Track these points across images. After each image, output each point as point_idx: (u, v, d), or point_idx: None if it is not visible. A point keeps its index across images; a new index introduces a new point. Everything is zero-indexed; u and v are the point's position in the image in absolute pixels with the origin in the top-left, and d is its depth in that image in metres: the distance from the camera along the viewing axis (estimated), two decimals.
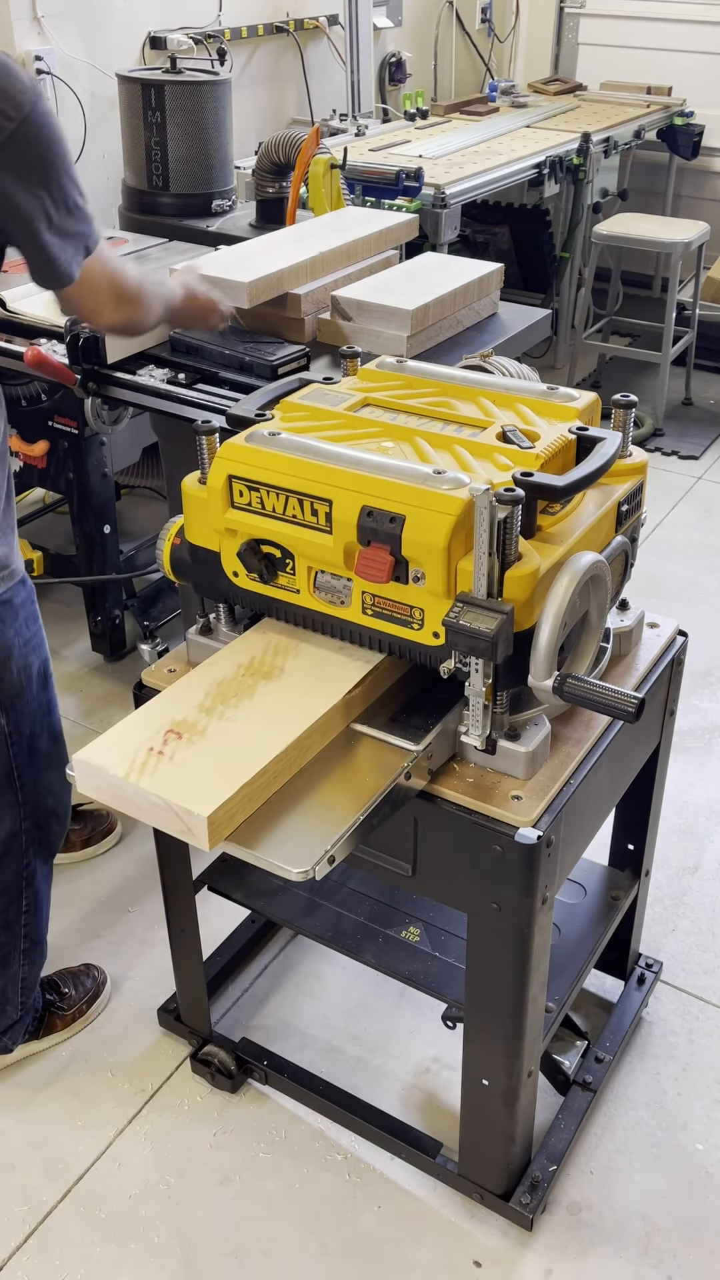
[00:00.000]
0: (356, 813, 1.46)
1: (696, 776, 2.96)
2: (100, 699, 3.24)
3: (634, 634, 1.86)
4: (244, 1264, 1.94)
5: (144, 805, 1.43)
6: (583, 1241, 1.96)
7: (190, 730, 1.50)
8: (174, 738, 1.48)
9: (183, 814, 1.39)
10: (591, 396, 1.74)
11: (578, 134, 4.66)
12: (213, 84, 3.58)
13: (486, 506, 1.38)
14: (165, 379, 2.64)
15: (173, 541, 1.76)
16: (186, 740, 1.48)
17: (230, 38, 4.43)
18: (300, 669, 1.61)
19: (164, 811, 1.40)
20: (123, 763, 1.45)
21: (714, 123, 5.34)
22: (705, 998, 2.38)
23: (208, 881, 2.17)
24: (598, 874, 2.20)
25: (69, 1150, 2.11)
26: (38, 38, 3.89)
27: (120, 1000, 2.39)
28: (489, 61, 5.94)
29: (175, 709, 1.54)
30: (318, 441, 1.61)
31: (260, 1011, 2.35)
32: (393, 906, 2.10)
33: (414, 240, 4.04)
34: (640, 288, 5.77)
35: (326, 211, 3.12)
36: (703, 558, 3.95)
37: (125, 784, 1.43)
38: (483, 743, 1.55)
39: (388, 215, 2.95)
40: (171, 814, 1.40)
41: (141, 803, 1.43)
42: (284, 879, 1.43)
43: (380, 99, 5.22)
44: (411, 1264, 1.93)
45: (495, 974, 1.71)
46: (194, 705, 1.54)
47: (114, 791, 1.45)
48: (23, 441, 3.07)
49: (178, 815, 1.39)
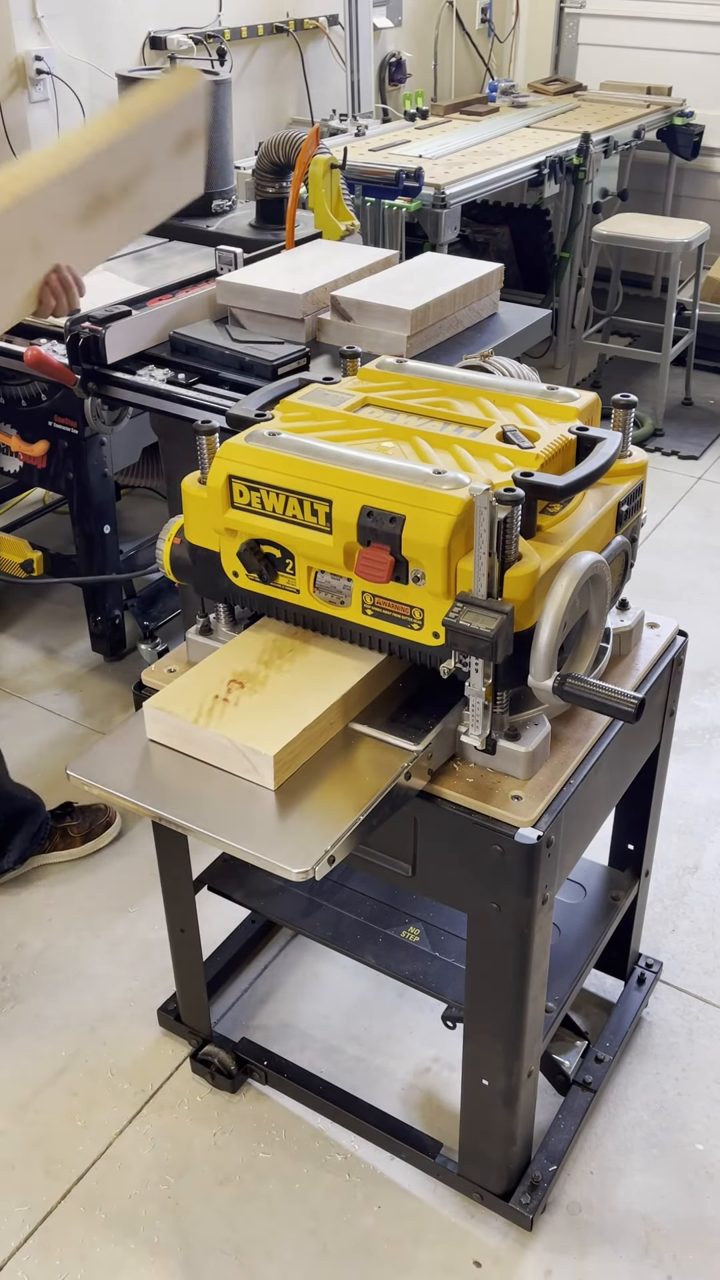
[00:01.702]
0: (356, 813, 1.46)
1: (696, 776, 2.96)
2: (100, 699, 3.24)
3: (634, 634, 1.86)
4: (244, 1264, 1.94)
5: (212, 748, 1.52)
6: (583, 1241, 1.96)
7: (251, 680, 1.60)
8: (237, 686, 1.59)
9: (249, 754, 1.49)
10: (591, 396, 1.74)
11: (578, 134, 4.66)
12: (212, 84, 3.58)
13: (486, 506, 1.38)
14: (165, 379, 2.65)
15: (173, 541, 1.76)
16: (249, 689, 1.59)
17: (230, 38, 4.43)
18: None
19: (232, 752, 1.50)
20: (191, 709, 1.55)
21: (714, 123, 5.34)
22: (705, 998, 2.38)
23: (208, 881, 2.17)
24: (598, 874, 2.20)
25: (69, 1150, 2.12)
26: (38, 38, 3.89)
27: (120, 1000, 2.39)
28: (489, 61, 5.94)
29: (236, 662, 1.64)
30: (318, 441, 1.61)
31: (260, 1011, 2.35)
32: (393, 906, 2.10)
33: (414, 240, 4.06)
34: (640, 288, 5.77)
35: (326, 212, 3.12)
36: (703, 558, 3.95)
37: (195, 728, 1.53)
38: (483, 743, 1.55)
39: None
40: (239, 754, 1.50)
41: (210, 745, 1.52)
42: (284, 879, 1.43)
43: (380, 99, 5.22)
44: (411, 1264, 1.94)
45: (495, 974, 1.71)
46: (253, 659, 1.64)
47: (183, 736, 1.55)
48: (23, 441, 3.07)
49: (245, 755, 1.49)
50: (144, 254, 3.31)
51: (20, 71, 3.87)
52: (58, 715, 3.18)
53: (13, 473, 3.21)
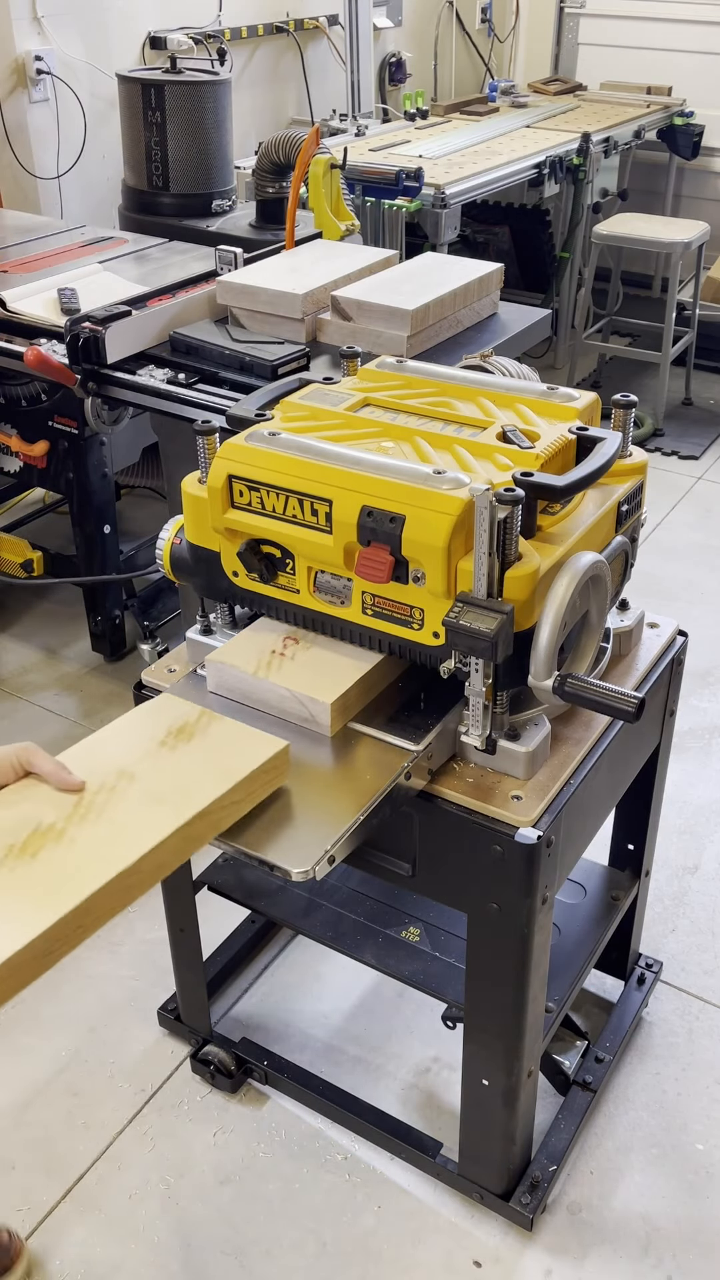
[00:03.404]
0: (357, 813, 1.46)
1: (696, 776, 2.96)
2: (100, 699, 3.24)
3: (634, 634, 1.86)
4: (244, 1264, 1.94)
5: (271, 698, 1.60)
6: (583, 1241, 1.96)
7: (304, 639, 1.66)
8: (292, 643, 1.65)
9: (308, 702, 1.56)
10: (591, 396, 1.74)
11: (578, 134, 4.66)
12: (213, 84, 3.58)
13: (486, 506, 1.38)
14: (165, 379, 2.65)
15: (173, 541, 1.76)
16: (303, 646, 1.65)
17: (230, 38, 4.44)
18: None
19: (290, 701, 1.58)
20: (251, 662, 1.62)
21: (714, 123, 5.34)
22: (705, 998, 2.38)
23: (208, 881, 2.17)
24: (598, 874, 2.20)
25: (69, 1150, 2.12)
26: (38, 38, 3.89)
27: (120, 1000, 2.39)
28: (489, 61, 5.94)
29: (284, 627, 1.69)
30: (318, 441, 1.61)
31: (260, 1011, 2.35)
32: (393, 906, 2.10)
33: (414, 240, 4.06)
34: (640, 288, 5.77)
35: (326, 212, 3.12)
36: (703, 558, 3.95)
37: (255, 679, 1.60)
38: (483, 743, 1.55)
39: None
40: (297, 703, 1.57)
41: (269, 696, 1.60)
42: (284, 879, 1.43)
43: (380, 99, 5.22)
44: (411, 1264, 1.94)
45: (495, 974, 1.71)
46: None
47: (243, 688, 1.62)
48: (23, 441, 3.07)
49: (303, 704, 1.57)
50: (144, 254, 3.31)
51: (20, 71, 3.87)
52: (58, 715, 3.18)
53: (13, 473, 3.21)
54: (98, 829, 1.33)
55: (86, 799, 1.37)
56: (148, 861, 1.30)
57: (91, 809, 1.36)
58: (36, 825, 1.33)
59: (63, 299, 2.82)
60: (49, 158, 4.03)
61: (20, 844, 1.30)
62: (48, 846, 1.30)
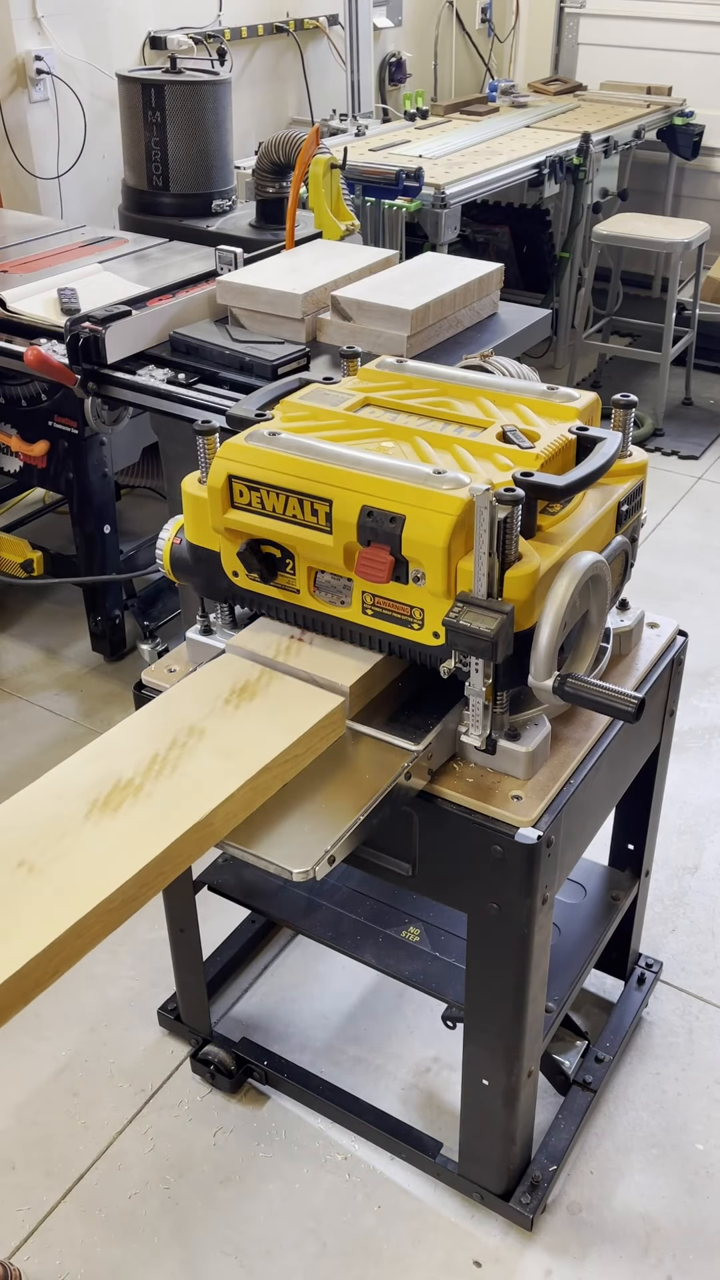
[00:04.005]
0: (357, 813, 1.46)
1: (696, 776, 2.96)
2: (100, 699, 3.24)
3: (634, 634, 1.86)
4: (244, 1264, 1.94)
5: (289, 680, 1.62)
6: (583, 1241, 1.96)
7: (312, 637, 1.69)
8: (308, 634, 1.69)
9: (327, 685, 1.58)
10: (591, 396, 1.74)
11: (578, 134, 4.66)
12: (213, 84, 3.58)
13: (486, 506, 1.38)
14: (165, 379, 2.65)
15: (173, 541, 1.76)
16: (310, 639, 1.68)
17: (230, 38, 4.44)
18: None
19: (308, 683, 1.60)
20: (270, 647, 1.66)
21: (714, 123, 5.34)
22: (705, 998, 2.38)
23: (208, 881, 2.17)
24: (598, 874, 2.20)
25: (69, 1150, 2.12)
26: (38, 38, 3.89)
27: (120, 1000, 2.39)
28: (489, 61, 5.94)
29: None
30: (318, 441, 1.61)
31: (260, 1011, 2.35)
32: (393, 906, 2.10)
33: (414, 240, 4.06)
34: (640, 288, 5.77)
35: (326, 212, 3.12)
36: (703, 558, 3.95)
37: (275, 661, 1.63)
38: (483, 743, 1.55)
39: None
40: (316, 685, 1.59)
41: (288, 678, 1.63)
42: (284, 879, 1.43)
43: (380, 99, 5.22)
44: (411, 1264, 1.94)
45: (495, 974, 1.71)
46: None
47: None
48: (23, 441, 3.07)
49: (322, 687, 1.58)
50: (144, 254, 3.31)
51: (20, 71, 3.87)
52: (58, 715, 3.18)
53: (13, 473, 3.21)
54: (173, 784, 1.41)
55: (161, 755, 1.46)
56: (219, 814, 1.39)
57: (166, 765, 1.45)
58: (116, 781, 1.42)
59: (63, 299, 2.82)
60: (49, 158, 4.03)
61: (103, 799, 1.39)
62: (128, 801, 1.39)
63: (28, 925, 1.23)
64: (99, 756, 1.46)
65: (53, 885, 1.27)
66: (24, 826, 1.35)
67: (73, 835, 1.34)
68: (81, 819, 1.36)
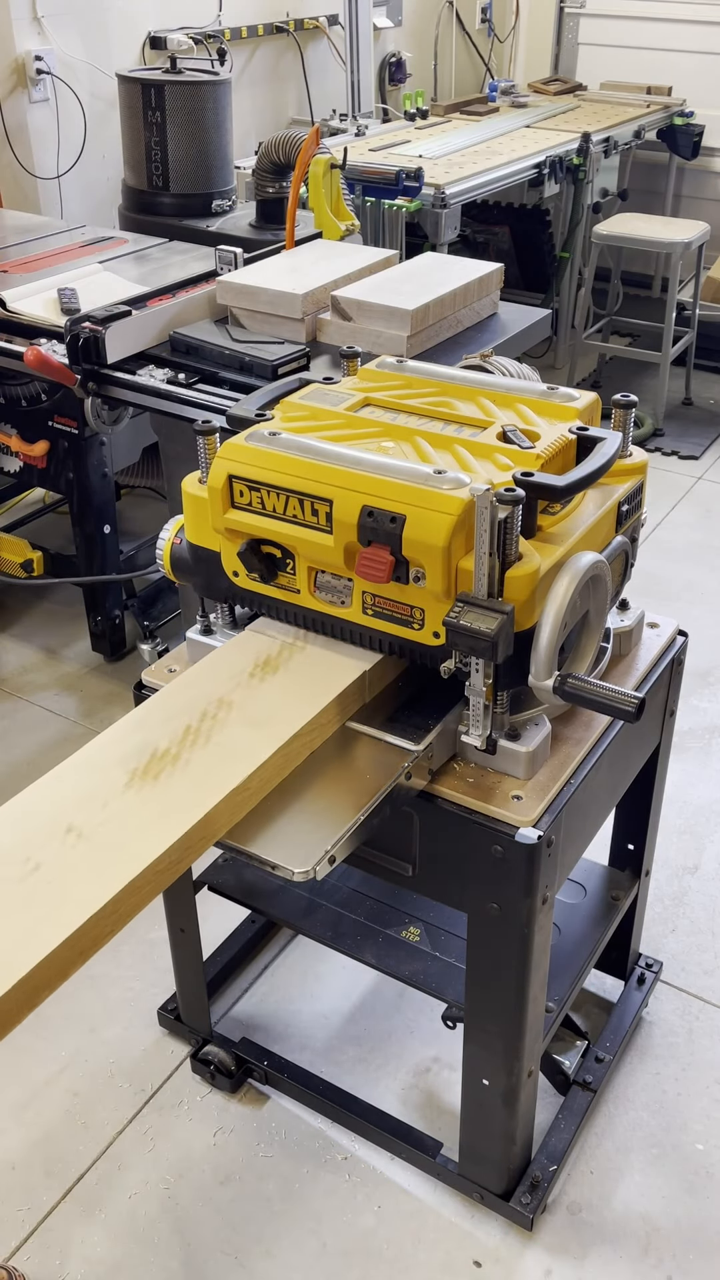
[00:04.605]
0: (357, 813, 1.46)
1: (696, 776, 2.96)
2: (100, 699, 3.24)
3: (634, 634, 1.86)
4: (244, 1264, 1.94)
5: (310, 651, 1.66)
6: (583, 1241, 1.96)
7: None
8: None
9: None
10: (591, 396, 1.74)
11: (578, 134, 4.66)
12: (213, 84, 3.58)
13: (487, 506, 1.38)
14: (165, 379, 2.65)
15: (173, 541, 1.76)
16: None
17: (230, 38, 4.44)
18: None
19: (329, 652, 1.64)
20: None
21: (714, 123, 5.34)
22: (705, 998, 2.38)
23: (208, 881, 2.17)
24: (598, 874, 2.20)
25: (69, 1150, 2.12)
26: (38, 38, 3.89)
27: (120, 1000, 2.39)
28: (489, 61, 5.94)
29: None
30: (318, 441, 1.61)
31: (260, 1011, 2.35)
32: (393, 906, 2.10)
33: (414, 240, 4.06)
34: (640, 288, 5.77)
35: (326, 212, 3.12)
36: (703, 558, 3.95)
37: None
38: (483, 743, 1.55)
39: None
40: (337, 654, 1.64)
41: None
42: (285, 879, 1.43)
43: (380, 99, 5.22)
44: (411, 1264, 1.94)
45: (495, 974, 1.71)
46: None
47: None
48: (23, 441, 3.07)
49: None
50: (144, 254, 3.31)
51: (20, 71, 3.87)
52: (58, 715, 3.18)
53: (13, 473, 3.21)
54: (208, 752, 1.46)
55: (194, 726, 1.50)
56: (255, 779, 1.43)
57: (199, 735, 1.49)
58: (154, 752, 1.46)
59: (63, 299, 2.82)
60: (49, 158, 4.03)
61: (142, 768, 1.43)
62: (167, 770, 1.43)
63: (84, 885, 1.26)
64: (133, 730, 1.50)
65: (103, 848, 1.31)
66: (67, 796, 1.40)
67: (116, 802, 1.38)
68: (123, 787, 1.40)
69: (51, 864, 1.29)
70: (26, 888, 1.26)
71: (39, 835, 1.33)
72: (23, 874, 1.28)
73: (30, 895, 1.25)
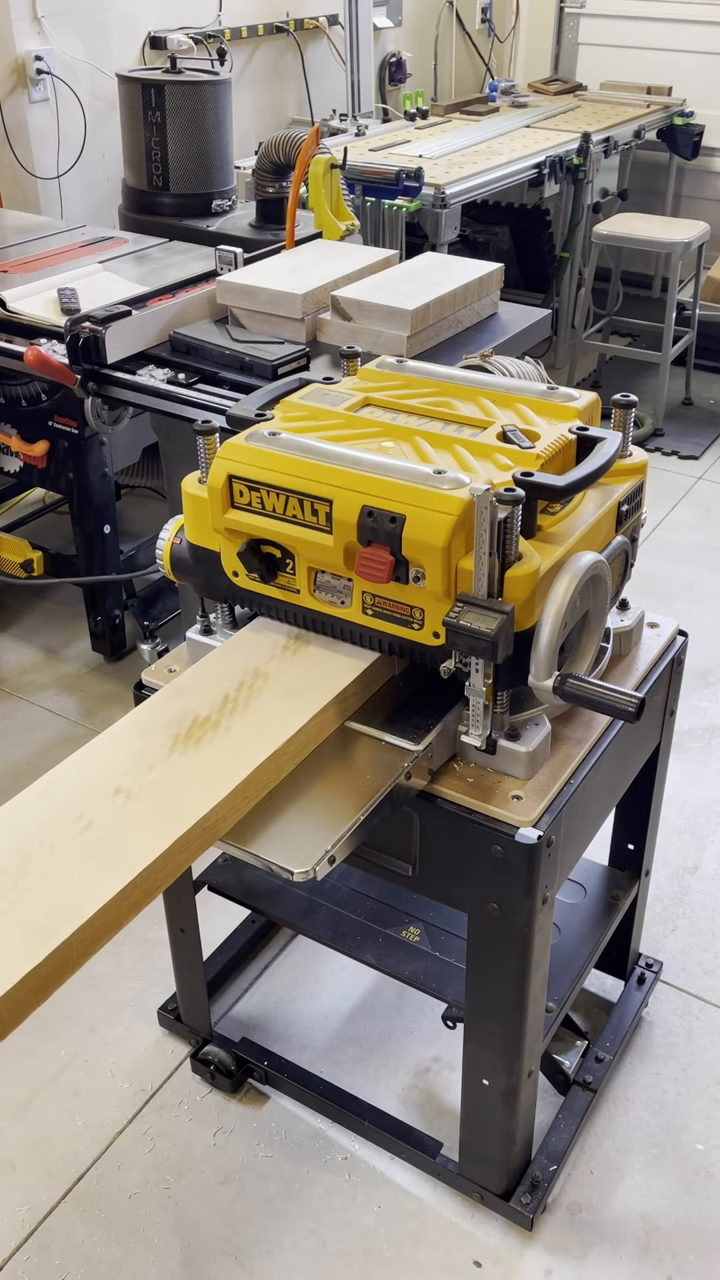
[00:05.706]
0: (357, 813, 1.46)
1: (696, 776, 2.96)
2: (100, 699, 3.24)
3: (634, 634, 1.86)
4: (244, 1264, 1.94)
5: None
6: (583, 1241, 1.96)
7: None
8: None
9: None
10: (591, 396, 1.74)
11: (578, 134, 4.66)
12: (213, 84, 3.58)
13: (487, 506, 1.38)
14: (165, 379, 2.65)
15: (173, 541, 1.76)
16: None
17: (230, 38, 4.44)
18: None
19: None
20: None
21: (714, 123, 5.34)
22: (705, 998, 2.38)
23: (208, 881, 2.17)
24: (598, 874, 2.20)
25: (69, 1150, 2.12)
26: (38, 38, 3.89)
27: (120, 1000, 2.39)
28: (489, 61, 5.94)
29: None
30: (318, 441, 1.61)
31: (260, 1011, 2.35)
32: (393, 906, 2.10)
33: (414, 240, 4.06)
34: (640, 288, 5.77)
35: (326, 212, 3.12)
36: (703, 558, 3.95)
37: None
38: (483, 743, 1.55)
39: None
40: None
41: None
42: (284, 879, 1.43)
43: (380, 99, 5.22)
44: (411, 1264, 1.94)
45: (495, 974, 1.71)
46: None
47: None
48: (23, 441, 3.07)
49: None
50: (144, 254, 3.31)
51: (20, 71, 3.87)
52: (58, 715, 3.18)
53: (13, 473, 3.21)
54: (247, 719, 1.52)
55: (232, 695, 1.56)
56: (292, 744, 1.49)
57: (238, 703, 1.55)
58: (194, 718, 1.52)
59: (63, 299, 2.82)
60: (49, 158, 4.03)
61: (184, 734, 1.50)
62: (208, 735, 1.49)
63: (136, 839, 1.32)
64: (172, 699, 1.56)
65: (151, 808, 1.37)
66: (113, 760, 1.45)
67: (161, 765, 1.44)
68: (167, 751, 1.46)
69: (103, 821, 1.35)
70: (80, 843, 1.33)
71: (90, 796, 1.39)
72: (76, 830, 1.34)
73: (85, 850, 1.32)
